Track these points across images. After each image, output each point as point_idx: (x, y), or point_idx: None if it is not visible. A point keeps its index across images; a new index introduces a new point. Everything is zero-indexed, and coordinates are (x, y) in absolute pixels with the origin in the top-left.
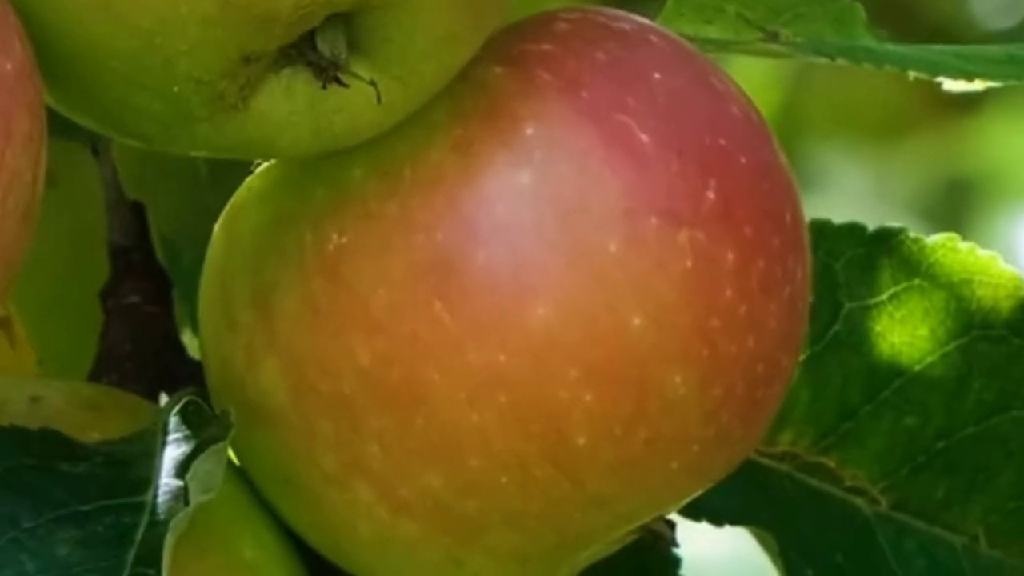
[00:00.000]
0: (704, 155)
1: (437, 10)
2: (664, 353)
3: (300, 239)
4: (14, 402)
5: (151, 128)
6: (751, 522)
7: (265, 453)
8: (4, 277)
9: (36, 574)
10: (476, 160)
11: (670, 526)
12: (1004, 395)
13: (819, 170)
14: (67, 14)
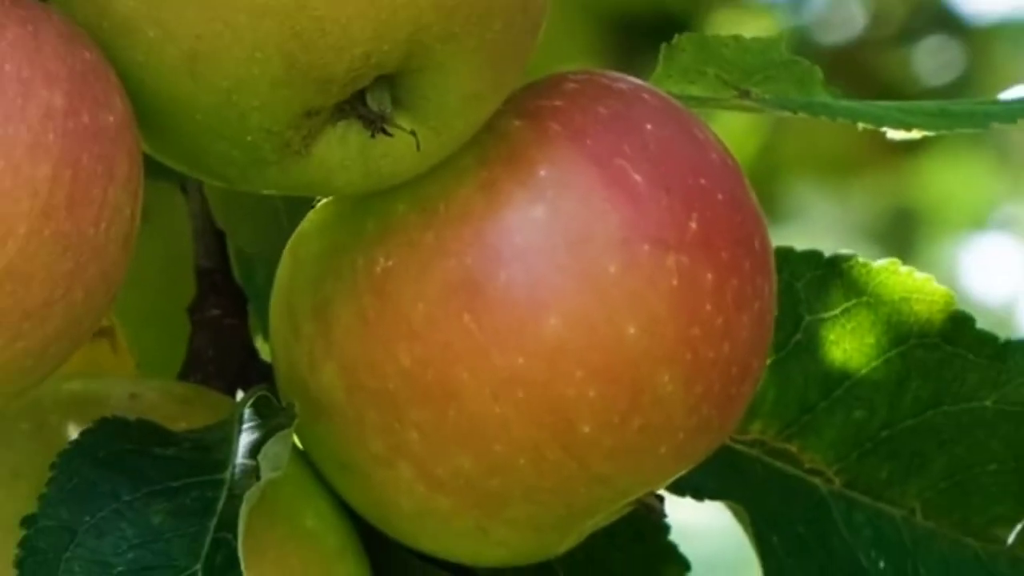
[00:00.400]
0: (687, 193)
1: (465, 74)
2: (654, 357)
3: (353, 263)
4: (116, 397)
5: (230, 171)
6: (727, 497)
7: (324, 439)
8: (108, 293)
9: (134, 539)
10: (498, 197)
11: (660, 500)
12: (937, 393)
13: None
14: (159, 75)
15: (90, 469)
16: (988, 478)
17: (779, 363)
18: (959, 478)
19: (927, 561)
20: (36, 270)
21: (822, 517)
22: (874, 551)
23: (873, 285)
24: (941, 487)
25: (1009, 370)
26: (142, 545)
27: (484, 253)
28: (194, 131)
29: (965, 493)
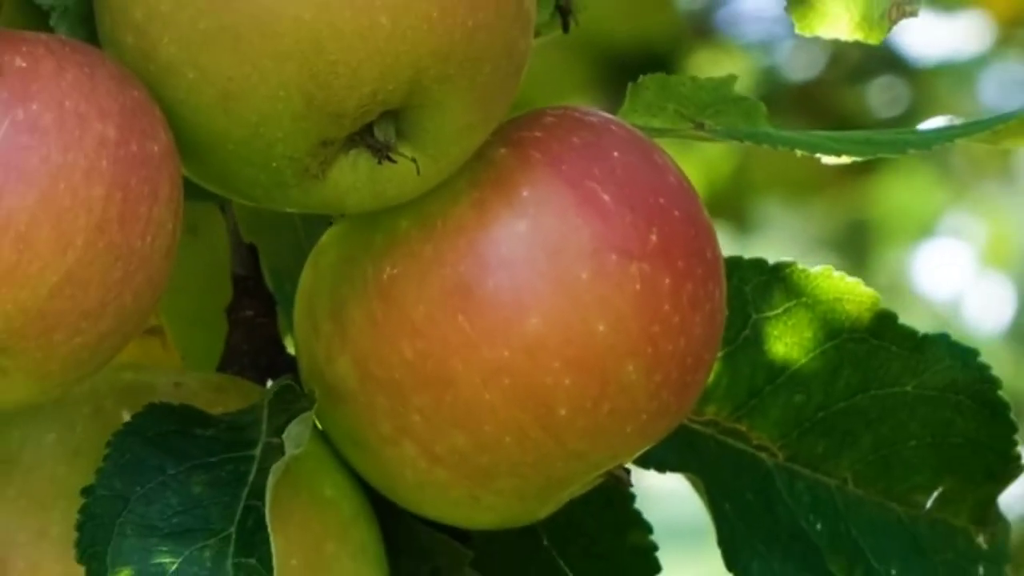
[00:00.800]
0: (648, 210)
1: (459, 110)
2: (621, 350)
3: (363, 271)
4: (163, 386)
5: (257, 192)
6: (685, 470)
7: (340, 421)
8: (153, 296)
9: (177, 506)
10: (487, 215)
11: (627, 472)
12: (865, 380)
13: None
14: (197, 111)
15: (140, 447)
16: (909, 452)
17: (730, 355)
18: (884, 452)
19: (857, 523)
20: (92, 276)
21: (768, 486)
22: (812, 515)
23: (810, 288)
24: (869, 460)
25: (927, 360)
26: (184, 511)
27: (475, 262)
28: (226, 158)
29: (889, 465)
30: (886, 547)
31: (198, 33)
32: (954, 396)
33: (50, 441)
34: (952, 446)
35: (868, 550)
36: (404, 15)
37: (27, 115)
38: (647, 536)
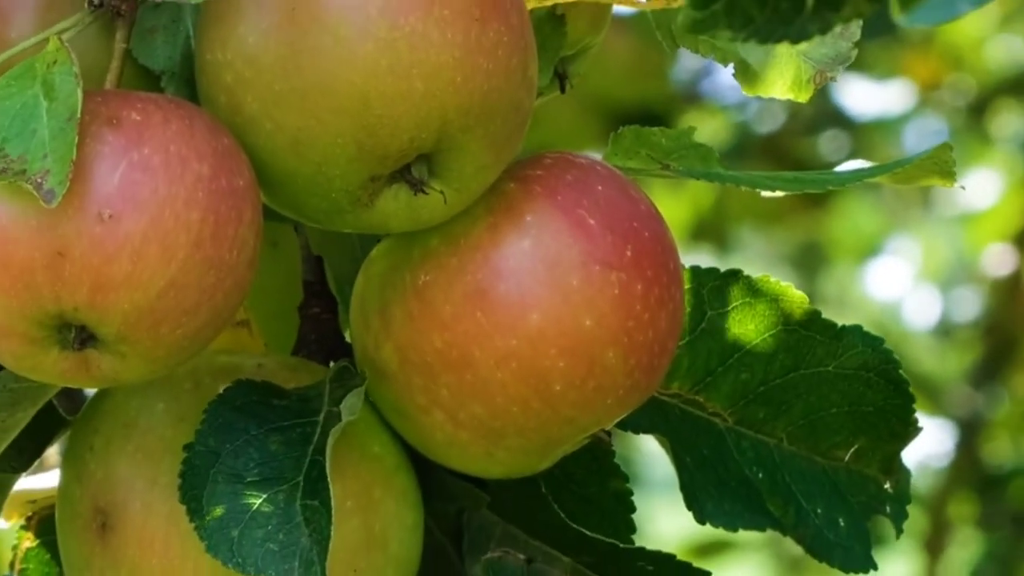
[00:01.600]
0: (625, 232)
1: (477, 153)
2: (603, 340)
3: (403, 278)
4: (248, 366)
5: (321, 216)
6: (655, 431)
7: (385, 395)
8: (239, 297)
9: (258, 460)
10: (499, 235)
11: (608, 434)
12: (796, 362)
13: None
14: (273, 154)
15: (230, 413)
16: (830, 418)
17: (691, 343)
18: (811, 418)
19: (790, 472)
20: (190, 282)
21: (720, 444)
22: (755, 466)
23: (753, 290)
24: (799, 424)
25: (844, 346)
26: (264, 464)
27: (490, 272)
28: (296, 190)
29: (815, 428)
30: (813, 491)
31: (274, 94)
32: (865, 374)
33: (160, 409)
34: (864, 413)
35: (799, 493)
36: (434, 80)
37: (140, 157)
38: (625, 484)
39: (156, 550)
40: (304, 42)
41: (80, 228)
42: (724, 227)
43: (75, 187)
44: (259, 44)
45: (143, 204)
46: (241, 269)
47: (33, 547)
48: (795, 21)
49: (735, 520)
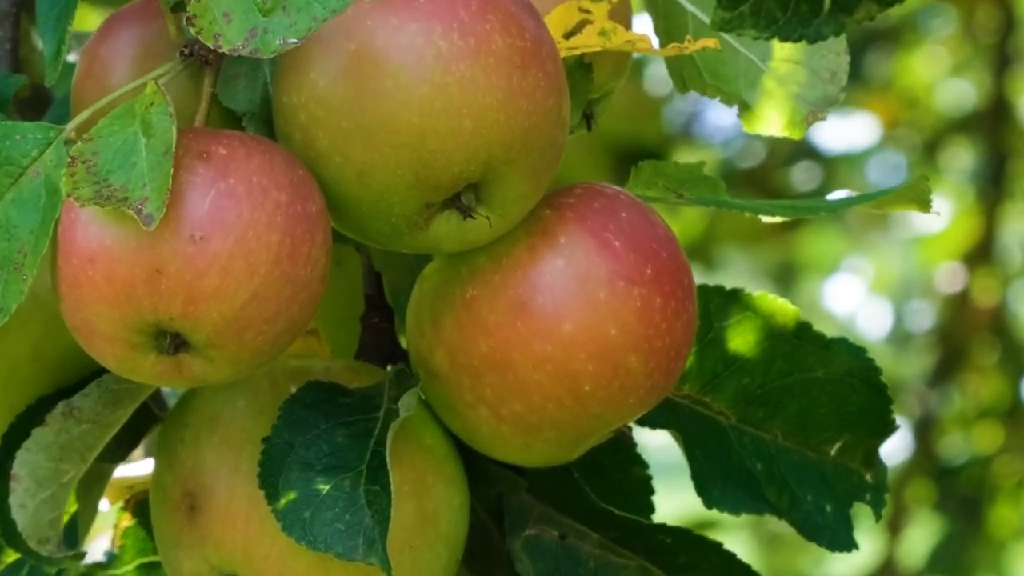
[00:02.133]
0: (645, 252)
1: (517, 183)
2: (627, 347)
3: (453, 292)
4: (317, 369)
5: (382, 239)
6: (668, 428)
7: (436, 394)
8: (312, 308)
9: (327, 451)
10: (537, 255)
11: (629, 428)
12: (791, 368)
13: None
14: (341, 184)
15: (302, 410)
16: (819, 417)
17: (700, 350)
18: (803, 417)
19: (785, 465)
20: (270, 294)
21: (724, 439)
22: (754, 458)
23: (754, 305)
24: (792, 422)
25: (832, 355)
26: (331, 454)
27: (529, 287)
28: (360, 215)
29: (806, 426)
30: (804, 481)
31: (342, 131)
32: (850, 379)
33: (241, 406)
34: (849, 413)
35: (792, 483)
36: (481, 119)
37: (227, 186)
38: (645, 470)
39: (238, 528)
40: (368, 86)
41: (175, 248)
42: (711, 247)
43: (170, 212)
44: (329, 88)
45: (229, 227)
46: (313, 284)
47: (130, 526)
48: (813, 23)
49: (738, 505)
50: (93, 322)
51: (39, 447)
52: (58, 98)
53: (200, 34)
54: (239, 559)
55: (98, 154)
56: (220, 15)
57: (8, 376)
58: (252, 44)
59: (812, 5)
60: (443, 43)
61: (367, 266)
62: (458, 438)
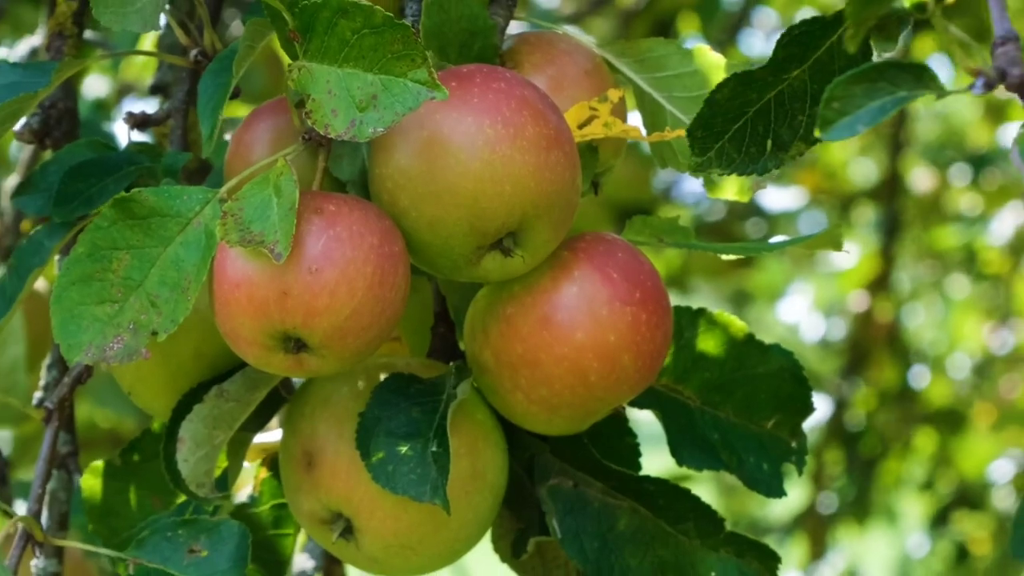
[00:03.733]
0: (636, 282)
1: (543, 231)
2: (622, 349)
3: (497, 310)
4: (400, 364)
5: (445, 271)
6: (651, 408)
7: (485, 382)
8: (395, 321)
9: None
10: (558, 283)
11: (623, 408)
12: (739, 366)
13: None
14: (416, 232)
15: (387, 393)
16: (759, 401)
17: (675, 352)
18: (747, 401)
19: (734, 435)
20: (365, 311)
21: (691, 417)
22: (712, 430)
23: (713, 321)
24: (740, 404)
25: (769, 356)
26: (408, 425)
27: (552, 307)
28: (431, 255)
29: (749, 408)
30: (748, 447)
31: (418, 194)
32: (782, 374)
33: (345, 390)
34: (780, 398)
35: (740, 448)
36: (518, 186)
37: (335, 233)
38: (634, 438)
39: (341, 479)
40: (436, 162)
41: (297, 277)
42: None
43: (294, 251)
44: (408, 163)
45: (336, 262)
46: (397, 303)
47: (266, 477)
48: (760, 161)
49: (701, 464)
50: (238, 330)
51: (198, 419)
52: (215, 168)
53: (315, 125)
54: (342, 501)
55: (243, 210)
56: (329, 111)
57: (177, 369)
58: (352, 132)
59: (759, 148)
60: (490, 131)
61: (435, 291)
62: (500, 414)
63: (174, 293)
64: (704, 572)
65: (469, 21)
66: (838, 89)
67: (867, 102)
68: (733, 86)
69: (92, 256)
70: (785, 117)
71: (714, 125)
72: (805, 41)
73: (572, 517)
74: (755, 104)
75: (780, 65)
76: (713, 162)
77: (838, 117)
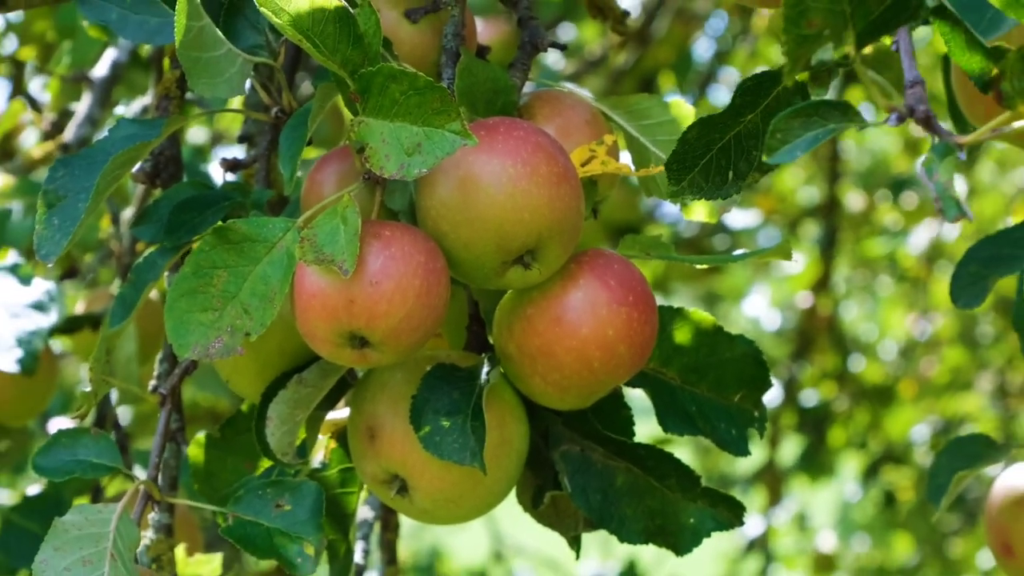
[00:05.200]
0: (628, 287)
1: (555, 249)
2: (619, 340)
3: (519, 311)
4: (442, 356)
5: (477, 281)
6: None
7: (510, 369)
8: (439, 322)
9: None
10: (567, 290)
11: (620, 388)
12: (711, 352)
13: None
14: (455, 251)
15: (434, 379)
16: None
17: (659, 343)
18: (718, 380)
19: (708, 407)
20: (415, 315)
21: (674, 393)
22: (691, 404)
23: (689, 317)
24: (712, 383)
25: (735, 344)
26: (450, 404)
27: (562, 308)
28: (465, 268)
29: (720, 385)
30: (720, 416)
31: (455, 222)
32: (745, 358)
33: (399, 377)
34: (744, 378)
35: (712, 418)
36: (534, 214)
37: (390, 253)
38: (629, 412)
39: (397, 448)
40: (469, 196)
41: (361, 289)
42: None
43: (358, 268)
44: (448, 196)
45: (392, 276)
46: (440, 308)
47: (335, 447)
48: (723, 187)
49: (682, 430)
50: (314, 331)
51: (282, 401)
52: (292, 201)
53: (372, 167)
54: (399, 465)
55: (317, 235)
56: (383, 156)
57: (265, 362)
58: (401, 172)
59: (722, 178)
60: (512, 170)
61: (469, 297)
62: (522, 394)
63: (263, 302)
64: (685, 519)
65: (493, 83)
66: (780, 123)
67: (804, 132)
68: (700, 128)
69: (196, 274)
70: (743, 152)
71: (686, 160)
72: (757, 90)
73: (579, 476)
74: (718, 142)
75: (737, 110)
76: (686, 190)
77: (781, 145)
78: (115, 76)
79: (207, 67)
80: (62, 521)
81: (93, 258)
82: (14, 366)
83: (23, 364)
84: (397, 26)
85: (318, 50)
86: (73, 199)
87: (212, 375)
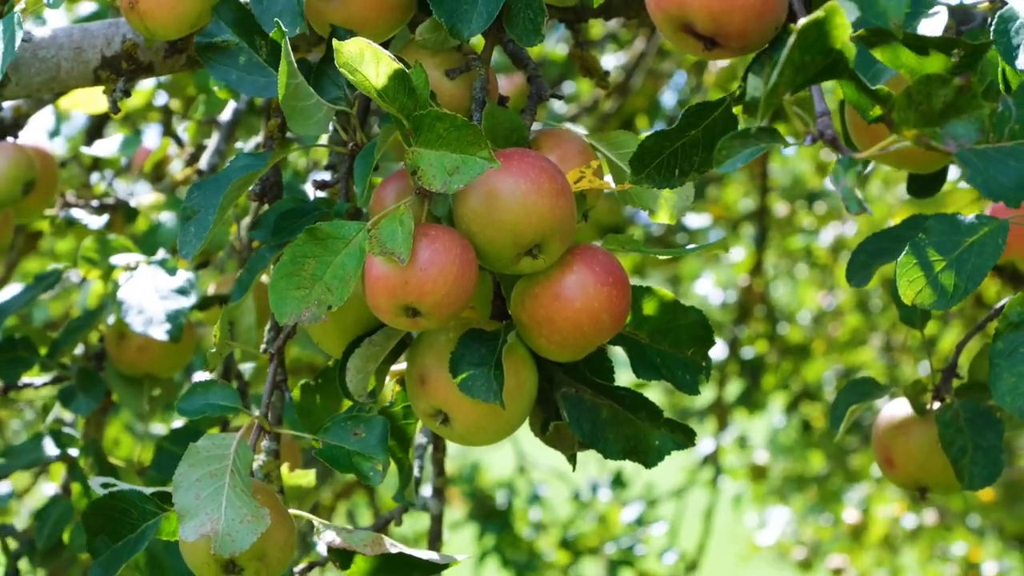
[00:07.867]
0: (610, 272)
1: (555, 244)
2: (602, 311)
3: (528, 290)
4: (474, 322)
5: (498, 268)
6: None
7: (523, 332)
8: (470, 298)
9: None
10: (563, 274)
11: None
12: (672, 319)
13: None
14: (481, 246)
15: (467, 340)
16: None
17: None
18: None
19: (669, 359)
20: (454, 292)
21: (643, 349)
22: (656, 357)
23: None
24: (672, 341)
25: (688, 314)
26: (479, 357)
27: (560, 287)
28: (490, 259)
29: (678, 343)
30: (678, 366)
31: (482, 224)
32: (696, 324)
33: (443, 338)
34: (695, 338)
35: (673, 367)
36: (540, 219)
37: (436, 247)
38: (611, 363)
39: (441, 390)
40: (492, 205)
41: (414, 273)
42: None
43: (412, 258)
44: (476, 205)
45: (436, 264)
46: (471, 287)
47: (398, 390)
48: (671, 180)
49: (651, 376)
50: (379, 304)
51: (358, 356)
52: (364, 212)
53: (422, 184)
54: (442, 403)
55: (381, 234)
56: (431, 176)
57: (344, 327)
58: (444, 188)
59: (671, 174)
60: (524, 186)
61: (493, 280)
62: (532, 351)
63: (341, 283)
64: (652, 442)
65: (510, 123)
66: (726, 142)
67: (743, 149)
68: (656, 138)
69: (293, 262)
70: (687, 157)
71: (644, 159)
72: (699, 114)
73: (575, 410)
74: (669, 148)
75: (684, 129)
76: (644, 180)
77: (726, 158)
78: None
79: (302, 113)
80: (195, 446)
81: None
82: (165, 336)
83: (171, 334)
84: (439, 82)
85: (383, 100)
86: (204, 212)
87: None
